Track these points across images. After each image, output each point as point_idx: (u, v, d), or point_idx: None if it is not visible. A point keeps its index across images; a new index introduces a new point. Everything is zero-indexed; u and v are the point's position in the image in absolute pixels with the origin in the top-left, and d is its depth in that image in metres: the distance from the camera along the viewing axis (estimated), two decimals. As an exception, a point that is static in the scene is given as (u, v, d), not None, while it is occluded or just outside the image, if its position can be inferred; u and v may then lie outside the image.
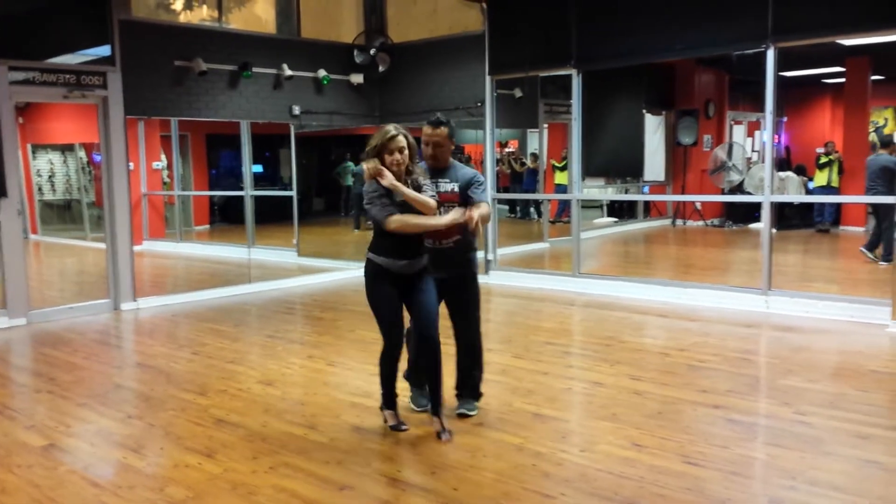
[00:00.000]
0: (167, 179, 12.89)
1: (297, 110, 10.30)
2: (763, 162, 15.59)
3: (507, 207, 16.82)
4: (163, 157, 12.61)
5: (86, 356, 6.63)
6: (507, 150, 17.80)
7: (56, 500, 3.74)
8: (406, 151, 4.25)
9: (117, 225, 8.51)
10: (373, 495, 3.73)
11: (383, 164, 4.22)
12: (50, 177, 14.31)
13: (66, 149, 14.19)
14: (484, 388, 4.90)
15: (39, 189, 14.34)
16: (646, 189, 16.66)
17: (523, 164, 16.83)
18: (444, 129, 4.58)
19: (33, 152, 14.30)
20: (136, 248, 9.07)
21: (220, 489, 3.80)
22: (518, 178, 16.92)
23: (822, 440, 4.26)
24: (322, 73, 10.46)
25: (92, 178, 13.72)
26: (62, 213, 14.64)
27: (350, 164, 15.95)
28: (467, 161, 17.46)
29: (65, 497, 3.77)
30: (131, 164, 8.92)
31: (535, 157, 15.78)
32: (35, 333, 7.53)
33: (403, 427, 4.51)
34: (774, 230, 8.28)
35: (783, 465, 3.94)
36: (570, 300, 8.62)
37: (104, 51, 8.43)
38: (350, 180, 15.80)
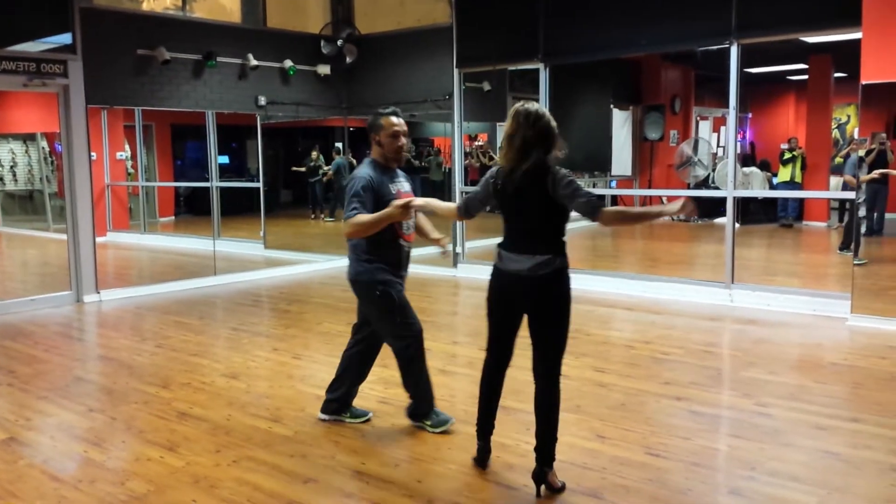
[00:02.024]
0: (131, 170, 12.72)
1: (262, 101, 10.21)
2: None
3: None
4: (126, 147, 12.44)
5: (47, 349, 6.53)
6: (476, 143, 17.80)
7: (15, 493, 3.68)
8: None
9: (79, 216, 8.38)
10: (337, 488, 3.72)
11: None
12: (12, 167, 14.06)
13: (27, 138, 13.94)
14: (450, 380, 4.90)
15: (1, 179, 14.08)
16: (613, 183, 16.76)
17: (492, 157, 16.84)
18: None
19: (-6, 142, 14.05)
20: (100, 239, 8.95)
21: (182, 482, 3.76)
22: (487, 171, 16.91)
23: (782, 431, 4.33)
24: (288, 63, 10.37)
25: (54, 169, 13.50)
26: (24, 204, 14.39)
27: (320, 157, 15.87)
28: (437, 153, 17.48)
29: (24, 491, 3.71)
30: (94, 154, 8.78)
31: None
32: (-6, 326, 7.41)
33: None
34: (738, 225, 8.35)
35: (743, 456, 4.00)
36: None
37: (65, 39, 8.28)
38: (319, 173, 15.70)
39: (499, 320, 3.86)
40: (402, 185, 4.33)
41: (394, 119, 4.29)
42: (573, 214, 3.74)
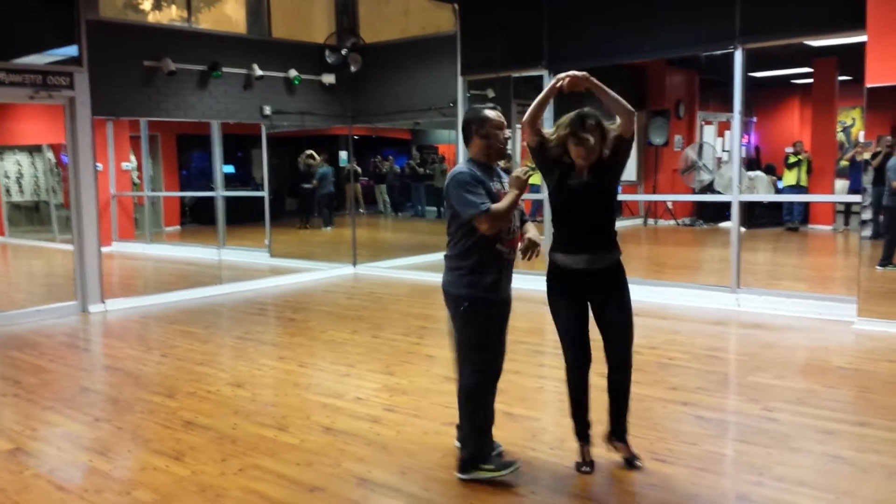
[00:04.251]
0: (137, 180, 12.78)
1: (267, 110, 10.24)
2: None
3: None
4: (132, 157, 12.50)
5: (52, 359, 6.54)
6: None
7: (20, 504, 3.69)
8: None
9: (85, 226, 8.41)
10: (343, 496, 3.71)
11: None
12: (18, 178, 14.12)
13: (33, 150, 14.01)
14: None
15: (7, 190, 14.15)
16: (618, 188, 16.74)
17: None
18: None
19: (0, 153, 14.13)
20: (105, 249, 8.98)
21: (188, 492, 3.76)
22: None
23: (790, 436, 4.31)
24: (293, 73, 10.41)
25: (60, 180, 13.56)
26: (30, 215, 14.46)
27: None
28: (442, 161, 17.50)
29: (30, 501, 3.72)
30: (100, 165, 8.83)
31: (508, 157, 15.77)
32: (0, 337, 7.42)
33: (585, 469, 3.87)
34: (744, 229, 8.32)
35: (751, 461, 3.98)
36: (541, 299, 8.58)
37: (71, 51, 8.33)
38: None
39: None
40: (506, 185, 3.85)
41: (494, 112, 3.89)
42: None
